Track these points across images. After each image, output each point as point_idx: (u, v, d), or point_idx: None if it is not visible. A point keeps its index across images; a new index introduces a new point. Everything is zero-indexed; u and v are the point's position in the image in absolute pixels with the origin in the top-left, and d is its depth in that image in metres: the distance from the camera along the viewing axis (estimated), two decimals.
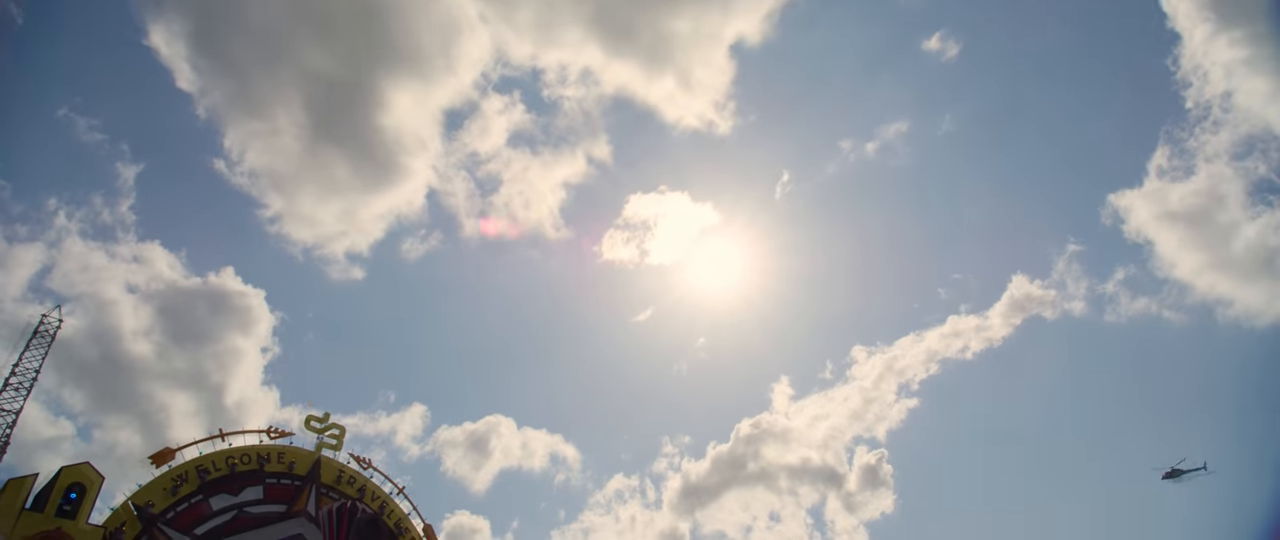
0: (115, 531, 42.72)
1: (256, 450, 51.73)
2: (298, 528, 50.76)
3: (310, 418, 56.02)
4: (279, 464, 52.31)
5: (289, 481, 52.55)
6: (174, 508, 46.35)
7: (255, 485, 50.81)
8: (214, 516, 47.98)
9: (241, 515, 49.11)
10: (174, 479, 46.98)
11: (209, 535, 46.51)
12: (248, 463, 50.75)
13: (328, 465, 54.95)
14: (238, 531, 48.05)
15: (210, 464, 48.96)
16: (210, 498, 48.35)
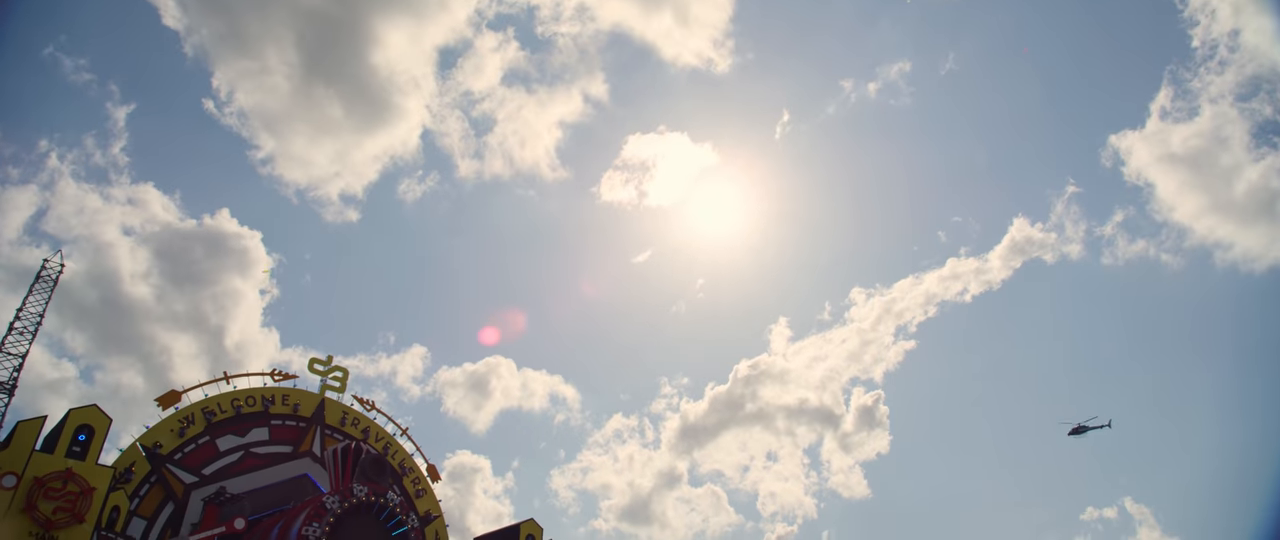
0: (125, 472, 43.65)
1: (261, 392, 52.55)
2: (304, 468, 51.86)
3: (314, 360, 56.79)
4: (284, 406, 53.19)
5: (294, 423, 53.50)
6: (181, 449, 47.29)
7: (261, 426, 51.74)
8: (221, 457, 48.99)
9: (248, 456, 50.11)
10: (181, 421, 47.81)
11: (217, 475, 47.54)
12: (253, 405, 51.61)
13: (332, 407, 55.85)
14: (245, 471, 49.10)
15: (216, 406, 49.77)
16: (217, 438, 49.29)
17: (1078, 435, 76.66)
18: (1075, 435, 76.95)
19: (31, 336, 41.55)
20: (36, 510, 36.59)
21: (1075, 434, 76.86)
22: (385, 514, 42.88)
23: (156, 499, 45.52)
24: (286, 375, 54.30)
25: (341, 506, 40.82)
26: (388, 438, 58.25)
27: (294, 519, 41.06)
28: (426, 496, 58.69)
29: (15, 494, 35.96)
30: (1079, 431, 75.68)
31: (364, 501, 41.84)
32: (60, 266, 44.72)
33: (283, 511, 45.77)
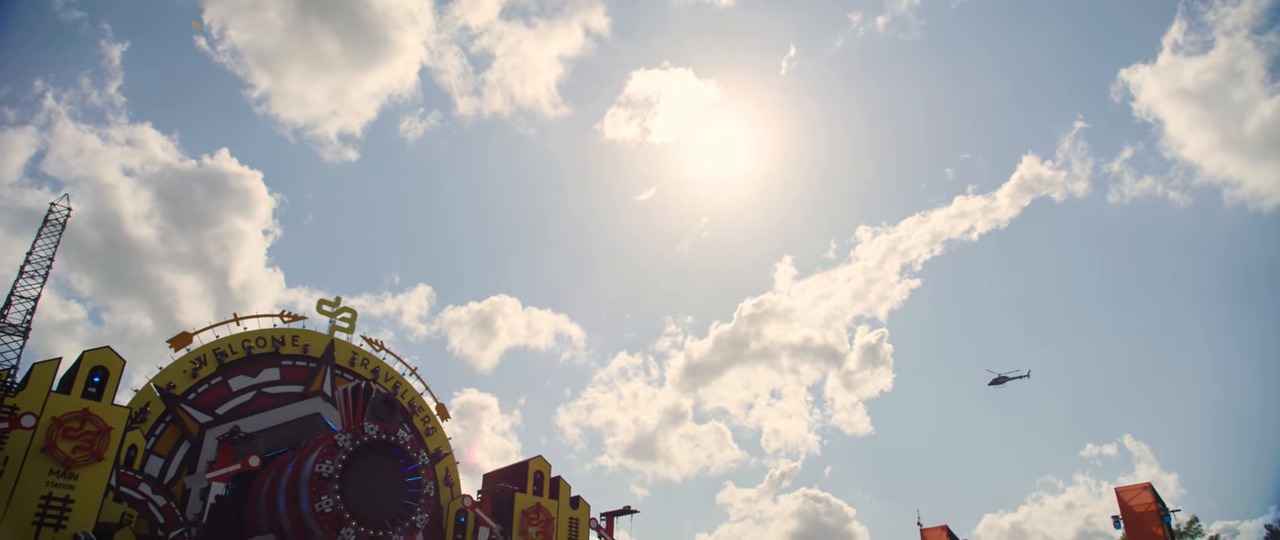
0: (140, 412, 44.52)
1: (271, 333, 53.19)
2: (315, 407, 52.79)
3: (322, 302, 57.32)
4: (294, 347, 53.89)
5: (304, 363, 54.27)
6: (195, 389, 48.11)
7: (272, 367, 52.53)
8: (234, 396, 49.86)
9: (261, 395, 50.99)
10: (193, 362, 48.55)
11: (230, 414, 48.45)
12: (264, 346, 52.30)
13: (341, 347, 56.56)
14: (258, 410, 50.01)
15: (227, 347, 50.47)
16: (229, 379, 50.10)
17: (997, 385, 78.61)
18: (995, 385, 78.88)
19: (42, 279, 41.80)
20: (56, 449, 37.48)
21: (996, 384, 78.85)
22: (396, 451, 43.83)
23: (172, 438, 46.50)
24: (296, 317, 54.92)
25: (353, 444, 41.72)
26: (397, 377, 59.10)
27: (307, 456, 42.01)
28: (436, 434, 59.82)
29: (35, 434, 36.78)
30: (999, 382, 77.70)
31: (375, 439, 42.74)
32: (67, 210, 44.73)
33: (296, 449, 46.80)
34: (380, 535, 41.34)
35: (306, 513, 40.01)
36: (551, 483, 58.64)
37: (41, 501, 36.65)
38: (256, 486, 45.68)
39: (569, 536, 57.55)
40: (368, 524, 40.93)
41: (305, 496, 39.98)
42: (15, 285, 40.29)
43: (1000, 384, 77.12)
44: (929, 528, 65.27)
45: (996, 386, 79.34)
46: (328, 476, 40.15)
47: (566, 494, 58.98)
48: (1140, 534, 53.02)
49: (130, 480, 40.19)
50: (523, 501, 55.54)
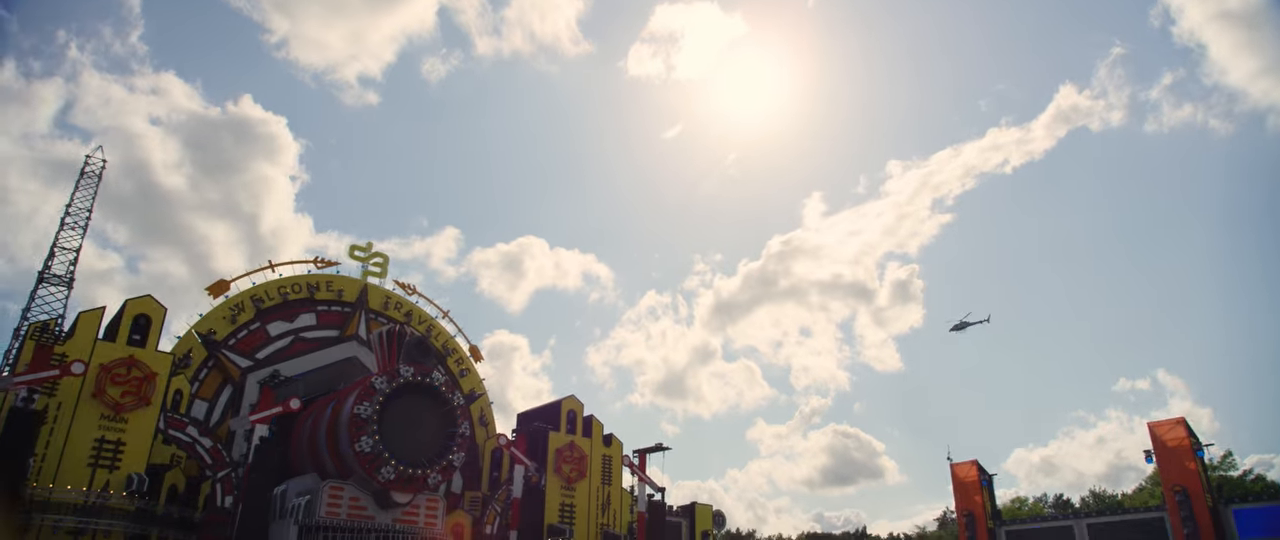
0: (184, 358, 45.80)
1: (306, 279, 54.10)
2: (351, 351, 53.89)
3: (354, 247, 58.05)
4: (328, 292, 54.82)
5: (339, 308, 55.26)
6: (234, 335, 49.30)
7: (308, 312, 53.58)
8: (272, 342, 51.04)
9: (298, 340, 52.13)
10: (232, 308, 49.65)
11: (269, 359, 49.67)
12: (299, 291, 53.26)
13: (374, 291, 57.43)
14: (296, 355, 51.20)
15: (263, 294, 51.47)
16: (267, 324, 51.23)
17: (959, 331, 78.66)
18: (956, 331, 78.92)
19: (83, 231, 42.81)
20: (106, 395, 38.83)
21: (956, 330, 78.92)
22: (432, 393, 44.71)
23: (215, 382, 47.88)
24: (329, 262, 55.73)
25: (390, 386, 42.57)
26: (430, 320, 60.01)
27: (345, 399, 43.03)
28: (470, 376, 60.92)
29: (85, 380, 38.07)
30: (960, 327, 77.68)
31: (411, 382, 43.59)
32: (102, 162, 45.56)
33: (334, 392, 47.95)
34: (418, 474, 42.44)
35: (347, 453, 41.15)
36: (584, 421, 59.65)
37: (95, 444, 38.15)
38: (298, 428, 47.01)
39: (602, 474, 58.73)
40: (406, 463, 42.00)
41: (345, 437, 41.05)
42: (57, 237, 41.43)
43: (961, 330, 77.41)
44: (959, 462, 65.63)
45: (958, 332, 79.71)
46: (366, 418, 41.10)
47: (599, 432, 60.00)
48: (1173, 469, 52.85)
49: (177, 423, 41.56)
50: (556, 440, 56.63)
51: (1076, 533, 58.38)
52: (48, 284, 41.61)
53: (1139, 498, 77.23)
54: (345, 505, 42.16)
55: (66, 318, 43.43)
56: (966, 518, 62.70)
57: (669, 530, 60.14)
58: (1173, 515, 52.30)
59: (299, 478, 44.53)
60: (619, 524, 58.43)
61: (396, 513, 43.67)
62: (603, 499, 58.11)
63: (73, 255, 41.67)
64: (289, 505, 42.64)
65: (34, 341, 36.28)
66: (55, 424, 37.17)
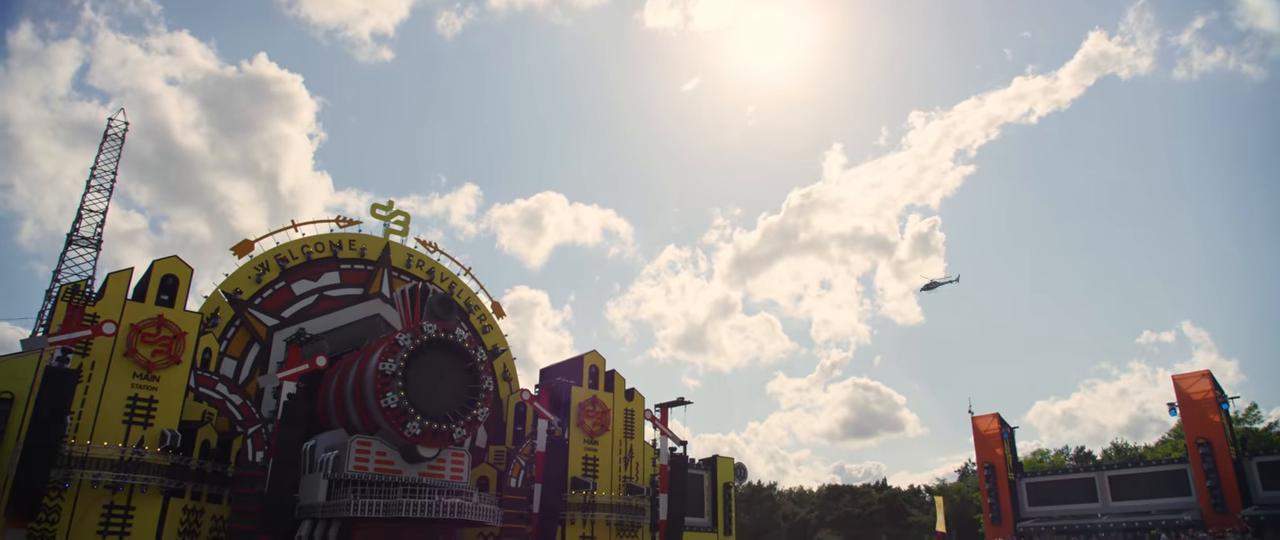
0: (211, 317, 46.53)
1: (329, 238, 54.53)
2: (375, 308, 54.49)
3: (375, 206, 58.30)
4: (351, 250, 55.27)
5: (362, 266, 55.75)
6: (260, 294, 49.95)
7: (331, 271, 54.11)
8: (298, 300, 51.69)
9: (323, 298, 52.76)
10: (257, 268, 50.23)
11: (295, 317, 50.34)
12: (322, 250, 53.74)
13: (397, 249, 57.83)
14: (321, 313, 51.85)
15: (287, 253, 51.99)
16: (292, 283, 51.84)
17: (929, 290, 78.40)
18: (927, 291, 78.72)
19: (108, 193, 43.44)
20: (137, 353, 39.65)
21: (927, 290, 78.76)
22: (455, 349, 45.28)
23: (243, 341, 48.69)
24: (351, 221, 56.07)
25: (414, 343, 43.17)
26: (452, 277, 60.44)
27: (371, 355, 43.71)
28: (493, 332, 61.50)
29: (117, 340, 38.88)
30: (930, 287, 77.46)
31: (435, 338, 44.14)
32: (124, 124, 45.88)
33: (359, 349, 48.68)
34: (444, 429, 43.22)
35: (373, 408, 41.93)
36: (606, 376, 60.18)
37: (129, 402, 39.09)
38: (325, 384, 47.87)
39: (625, 427, 59.43)
40: (431, 418, 42.77)
41: (371, 393, 41.80)
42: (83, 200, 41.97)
43: (931, 289, 77.27)
44: (981, 415, 65.73)
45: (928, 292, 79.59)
46: (391, 374, 41.78)
47: (621, 387, 60.56)
48: (1197, 421, 52.63)
49: (207, 381, 42.42)
50: (579, 394, 57.25)
51: (1097, 485, 58.55)
52: (77, 246, 42.35)
53: (1161, 450, 77.15)
54: (373, 459, 43.13)
55: (96, 279, 44.23)
56: (987, 470, 63.00)
57: (691, 483, 60.96)
58: (1195, 467, 52.27)
59: (327, 433, 45.50)
60: (641, 477, 59.26)
61: (423, 466, 44.61)
62: (625, 452, 58.87)
63: (99, 217, 42.30)
64: (318, 460, 43.64)
65: (66, 302, 37.00)
66: (89, 382, 38.07)
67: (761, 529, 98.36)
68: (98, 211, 43.29)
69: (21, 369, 36.02)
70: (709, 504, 64.66)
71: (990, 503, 61.87)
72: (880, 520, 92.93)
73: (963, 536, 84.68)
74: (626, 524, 56.08)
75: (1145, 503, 55.24)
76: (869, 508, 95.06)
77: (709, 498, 64.85)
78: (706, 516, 63.86)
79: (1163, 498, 54.67)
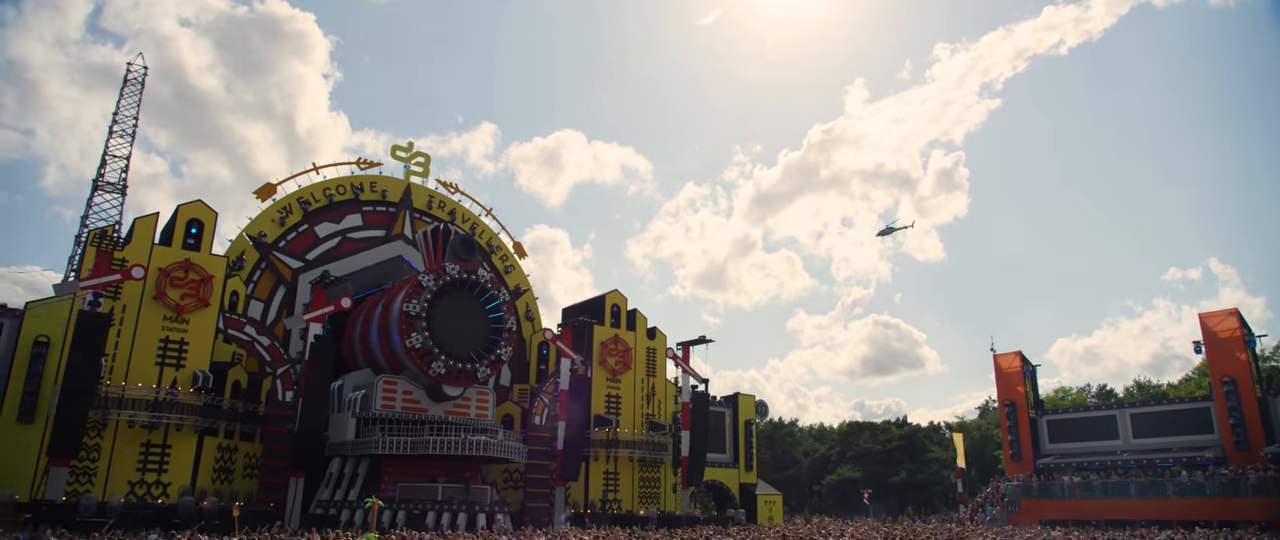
0: (237, 260, 47.14)
1: (350, 180, 54.71)
2: (397, 250, 54.91)
3: (396, 147, 58.25)
4: (372, 192, 55.47)
5: (384, 208, 56.02)
6: (284, 237, 50.43)
7: (354, 213, 54.43)
8: (321, 242, 52.16)
9: (346, 240, 53.20)
10: (280, 211, 50.61)
11: (319, 259, 50.86)
12: (344, 193, 53.97)
13: (418, 191, 57.96)
14: (344, 255, 52.34)
15: (310, 196, 52.27)
16: (315, 226, 52.25)
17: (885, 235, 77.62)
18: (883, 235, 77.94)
19: (131, 138, 43.70)
20: (167, 297, 40.40)
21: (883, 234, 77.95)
22: (478, 289, 45.70)
23: (269, 283, 49.37)
24: (371, 163, 56.12)
25: (437, 284, 43.60)
26: (473, 218, 60.62)
27: (394, 296, 44.24)
28: (515, 272, 61.89)
29: (146, 283, 39.57)
30: (886, 233, 76.57)
31: (457, 278, 44.54)
32: (143, 68, 45.88)
33: (383, 290, 49.26)
34: (468, 368, 43.92)
35: (398, 348, 42.62)
36: (628, 315, 60.59)
37: (160, 344, 39.98)
38: (350, 325, 48.63)
39: (647, 366, 60.05)
40: (455, 357, 43.44)
41: (396, 333, 42.43)
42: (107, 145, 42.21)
43: (887, 234, 76.55)
44: (1002, 353, 65.63)
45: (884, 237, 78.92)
46: (415, 314, 42.33)
47: (643, 325, 61.00)
48: (1222, 359, 52.23)
49: (236, 323, 43.20)
50: (601, 333, 57.78)
51: (1119, 422, 58.60)
52: (102, 192, 42.87)
53: (1184, 388, 76.84)
54: (399, 398, 44.03)
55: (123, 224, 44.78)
56: (1008, 407, 63.17)
57: (712, 420, 61.78)
58: (1218, 405, 52.09)
59: (354, 373, 46.41)
60: (664, 414, 60.10)
61: (448, 405, 45.51)
62: (647, 390, 59.61)
63: (123, 163, 42.64)
64: (346, 399, 44.62)
65: (95, 248, 37.60)
66: (121, 325, 38.91)
67: (782, 464, 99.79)
68: (121, 157, 43.62)
69: (56, 313, 36.87)
70: (730, 440, 65.57)
71: (1010, 440, 62.22)
72: (900, 457, 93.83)
73: (982, 473, 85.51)
74: (649, 460, 57.12)
75: (1166, 440, 55.31)
76: (889, 444, 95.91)
77: (730, 434, 65.74)
78: (728, 452, 64.84)
79: (1184, 435, 54.70)
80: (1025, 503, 55.67)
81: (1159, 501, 49.24)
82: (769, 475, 79.15)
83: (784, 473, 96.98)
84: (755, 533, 41.54)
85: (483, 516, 39.39)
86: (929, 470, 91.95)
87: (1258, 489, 46.05)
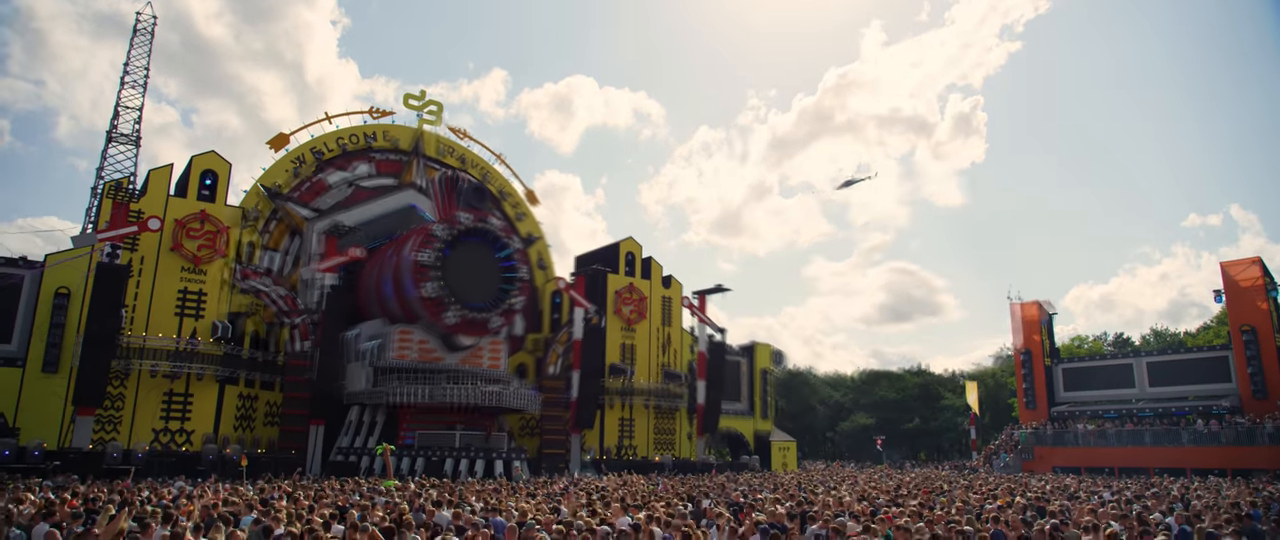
0: (251, 210, 47.25)
1: (362, 129, 54.40)
2: (409, 198, 54.79)
3: (408, 96, 57.72)
4: (384, 141, 55.18)
5: (395, 156, 55.76)
6: (297, 187, 50.40)
7: (365, 161, 54.22)
8: (332, 191, 52.09)
9: (357, 189, 53.10)
10: (293, 161, 50.48)
11: (331, 209, 50.86)
12: (356, 142, 53.72)
13: (429, 139, 57.56)
14: (355, 204, 52.29)
15: (322, 145, 52.06)
16: (326, 175, 52.14)
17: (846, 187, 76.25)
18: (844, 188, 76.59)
19: (143, 89, 43.53)
20: (183, 248, 40.68)
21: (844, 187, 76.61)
22: (490, 238, 45.70)
23: (282, 234, 49.51)
24: (383, 112, 55.71)
25: (449, 233, 43.61)
26: (485, 165, 60.25)
27: (406, 245, 44.32)
28: (527, 219, 61.68)
29: (162, 235, 39.82)
30: (847, 185, 75.20)
31: (469, 227, 44.50)
32: (153, 18, 45.51)
33: (394, 239, 49.32)
34: (481, 317, 44.15)
35: (412, 297, 42.85)
36: (643, 263, 60.44)
37: (179, 295, 40.40)
38: (364, 275, 48.84)
39: (662, 315, 60.12)
40: (469, 307, 43.64)
41: (409, 283, 42.62)
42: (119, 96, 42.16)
43: (848, 186, 75.38)
44: (1021, 301, 65.12)
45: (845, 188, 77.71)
46: (428, 263, 42.44)
47: (658, 274, 60.89)
48: (1243, 308, 51.59)
49: (251, 274, 43.53)
50: (615, 282, 57.75)
51: (1135, 371, 58.31)
52: (116, 143, 42.85)
53: (1202, 337, 76.22)
54: (414, 348, 44.46)
55: (138, 175, 44.92)
56: (1023, 355, 62.97)
57: (728, 368, 61.99)
58: (1238, 354, 51.64)
59: (369, 322, 46.79)
60: (679, 363, 60.34)
61: (463, 354, 45.94)
62: (663, 339, 59.79)
63: (136, 114, 42.59)
64: (362, 348, 45.09)
65: (110, 200, 37.78)
66: (140, 277, 39.31)
67: (797, 412, 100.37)
68: (134, 108, 43.54)
69: (75, 265, 37.27)
70: (746, 389, 65.88)
71: (1025, 388, 62.14)
72: (914, 404, 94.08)
73: (996, 420, 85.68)
74: (665, 408, 57.56)
75: (1183, 388, 55.06)
76: (905, 392, 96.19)
77: (746, 383, 66.02)
78: (743, 401, 65.22)
79: (1202, 384, 54.44)
80: (1039, 450, 55.81)
81: (1174, 450, 49.18)
82: (784, 422, 79.77)
83: (799, 420, 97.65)
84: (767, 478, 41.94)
85: (500, 463, 40.00)
86: (942, 417, 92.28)
87: (1274, 438, 45.86)
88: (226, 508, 14.77)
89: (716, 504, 18.23)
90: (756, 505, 18.02)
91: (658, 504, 16.68)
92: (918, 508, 16.75)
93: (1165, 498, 23.31)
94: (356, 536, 10.33)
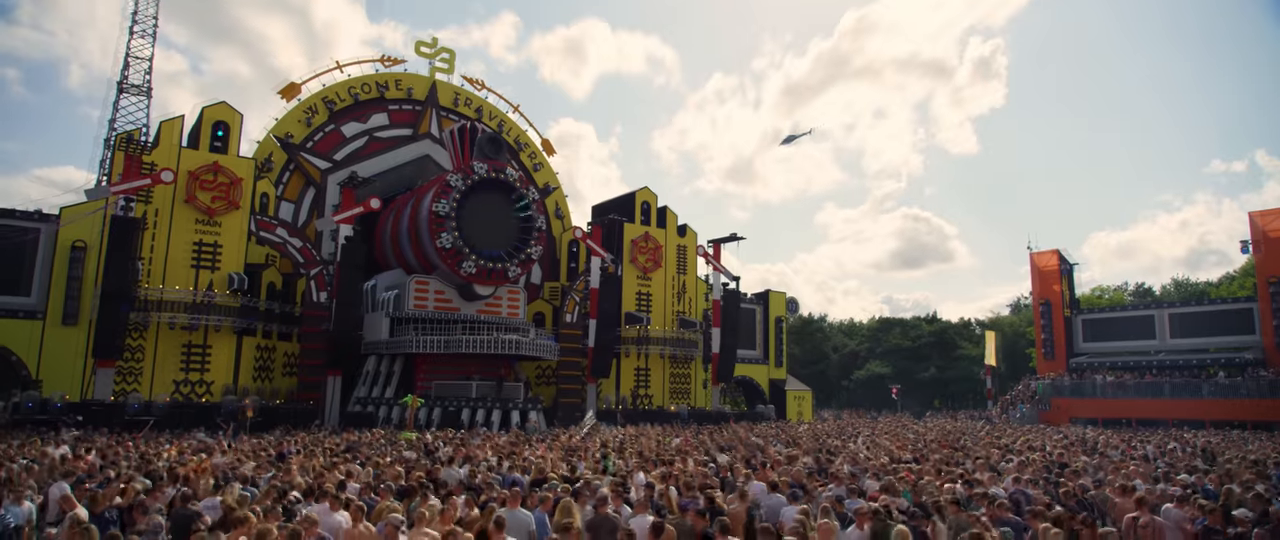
0: (265, 161, 46.92)
1: (374, 78, 53.67)
2: (425, 149, 54.31)
3: (419, 43, 56.79)
4: (398, 90, 54.45)
5: (410, 106, 55.09)
6: (311, 137, 49.97)
7: (380, 112, 53.62)
8: (348, 143, 51.69)
9: (372, 140, 52.65)
10: (306, 111, 49.96)
11: (347, 160, 50.51)
12: (369, 91, 53.04)
13: (443, 88, 56.78)
14: (371, 155, 51.91)
15: (335, 95, 51.45)
16: (341, 126, 51.65)
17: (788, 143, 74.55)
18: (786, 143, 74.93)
19: (152, 38, 42.97)
20: (197, 200, 40.45)
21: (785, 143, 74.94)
22: (507, 188, 45.27)
23: (298, 185, 49.26)
24: (395, 60, 54.91)
25: (465, 183, 43.20)
26: (501, 115, 59.52)
27: (423, 196, 43.98)
28: (543, 170, 61.14)
29: (176, 187, 39.58)
30: (789, 140, 73.43)
31: (486, 177, 44.05)
32: None
33: (412, 190, 48.98)
34: (499, 267, 43.98)
35: (429, 248, 42.68)
36: (659, 212, 59.96)
37: (195, 247, 40.32)
38: (380, 226, 48.66)
39: (677, 263, 59.80)
40: (486, 257, 43.45)
41: (426, 234, 42.40)
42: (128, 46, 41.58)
43: (789, 142, 73.82)
44: (1039, 252, 64.33)
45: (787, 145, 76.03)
46: (444, 214, 42.16)
47: (673, 223, 60.43)
48: (1271, 259, 50.66)
49: (267, 225, 43.37)
50: (631, 231, 57.35)
51: (1157, 322, 57.68)
52: (127, 94, 42.46)
53: (1224, 288, 75.21)
54: (432, 298, 44.43)
55: (150, 126, 44.54)
56: (1043, 306, 62.41)
57: (743, 316, 61.84)
58: (1264, 305, 50.90)
59: (386, 273, 46.75)
60: (694, 311, 60.21)
61: (480, 304, 45.89)
62: (678, 288, 59.57)
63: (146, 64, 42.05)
64: (379, 299, 45.10)
65: (123, 152, 37.49)
66: (155, 229, 39.19)
67: (811, 360, 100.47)
68: (143, 58, 43.01)
69: (91, 218, 37.15)
70: (761, 337, 65.82)
71: (1044, 338, 61.74)
72: (929, 352, 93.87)
73: (1013, 370, 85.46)
74: (680, 357, 57.61)
75: (1205, 340, 54.49)
76: (919, 340, 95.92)
77: (761, 331, 65.93)
78: (758, 349, 65.20)
79: (1224, 336, 53.82)
80: (1056, 401, 55.62)
81: (1193, 402, 48.85)
82: (798, 370, 79.82)
83: (813, 368, 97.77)
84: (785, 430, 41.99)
85: (516, 413, 40.17)
86: (958, 367, 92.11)
87: None
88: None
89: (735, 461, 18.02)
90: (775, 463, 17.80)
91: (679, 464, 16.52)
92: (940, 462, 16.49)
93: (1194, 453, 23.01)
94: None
